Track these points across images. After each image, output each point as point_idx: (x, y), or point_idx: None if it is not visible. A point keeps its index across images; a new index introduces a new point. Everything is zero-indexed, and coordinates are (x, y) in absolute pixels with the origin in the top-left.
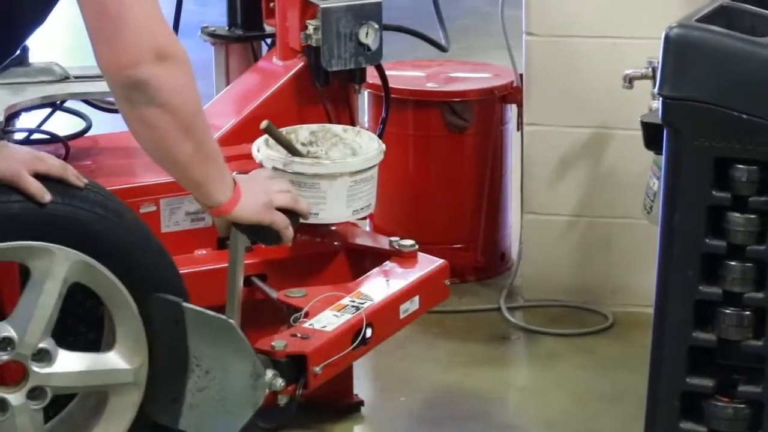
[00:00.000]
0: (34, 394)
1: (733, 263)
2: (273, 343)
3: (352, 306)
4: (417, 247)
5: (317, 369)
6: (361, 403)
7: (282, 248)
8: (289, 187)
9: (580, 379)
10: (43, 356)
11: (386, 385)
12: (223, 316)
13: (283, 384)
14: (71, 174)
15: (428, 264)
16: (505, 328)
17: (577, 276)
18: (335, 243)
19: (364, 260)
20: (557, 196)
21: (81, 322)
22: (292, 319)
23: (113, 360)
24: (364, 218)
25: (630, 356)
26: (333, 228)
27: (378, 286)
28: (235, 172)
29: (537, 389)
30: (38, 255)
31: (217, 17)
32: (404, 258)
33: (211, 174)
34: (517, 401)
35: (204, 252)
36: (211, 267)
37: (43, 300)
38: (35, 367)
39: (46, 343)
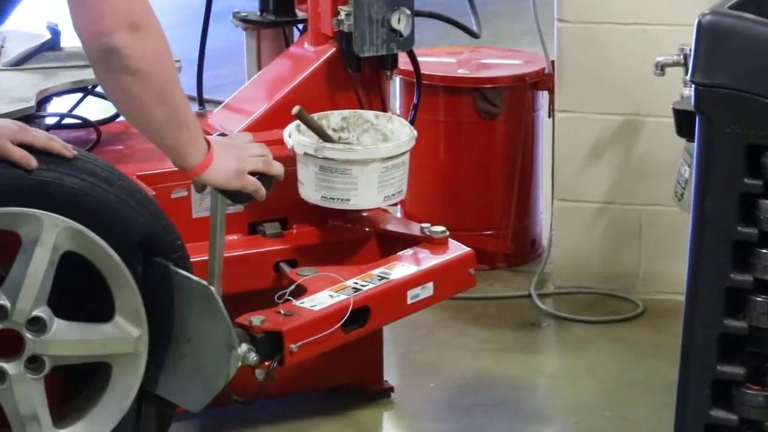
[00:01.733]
0: (33, 364)
1: (764, 251)
2: (251, 318)
3: (353, 288)
4: (448, 233)
5: (293, 347)
6: (391, 389)
7: (313, 234)
8: (265, 151)
9: (610, 367)
10: (38, 324)
11: (416, 371)
12: (204, 282)
13: (256, 359)
14: (58, 144)
15: (452, 251)
16: (536, 315)
17: (608, 263)
18: (366, 229)
19: (394, 246)
20: (588, 183)
21: (86, 293)
22: (276, 296)
23: (112, 330)
24: (395, 204)
25: (660, 344)
26: (364, 214)
27: (390, 270)
28: (216, 134)
29: (567, 376)
30: (26, 222)
31: (249, 2)
32: (435, 244)
33: (183, 139)
34: (546, 388)
35: (235, 237)
36: (242, 252)
37: (33, 267)
38: (30, 335)
39: (41, 311)
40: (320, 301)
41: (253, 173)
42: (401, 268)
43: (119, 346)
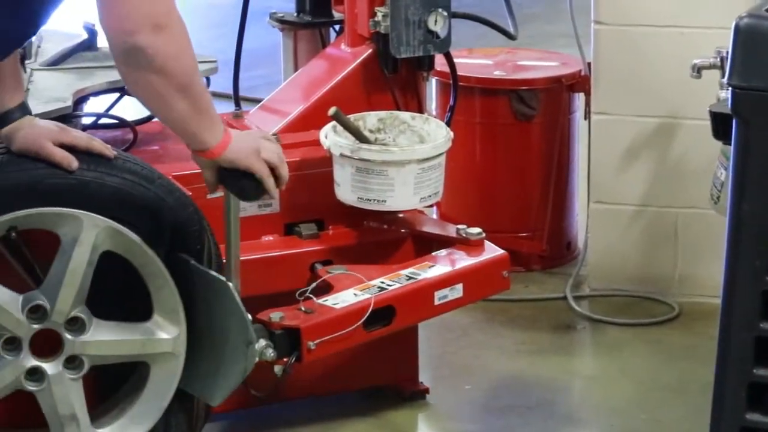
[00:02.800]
0: (71, 363)
1: None
2: (270, 314)
3: (378, 287)
4: (484, 235)
5: (311, 344)
6: (426, 390)
7: (349, 235)
8: (280, 150)
9: (645, 369)
10: (78, 325)
11: (451, 372)
12: (222, 277)
13: (273, 355)
14: (99, 144)
15: (486, 253)
16: (571, 317)
17: (644, 266)
18: (402, 230)
19: (430, 247)
20: (624, 186)
21: (125, 293)
22: (297, 293)
23: (150, 329)
24: (431, 206)
25: (696, 346)
26: (400, 215)
27: (419, 271)
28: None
29: (602, 378)
30: (66, 222)
31: (286, 3)
32: (471, 246)
33: (204, 123)
34: (582, 390)
35: (270, 238)
36: (278, 253)
37: (73, 267)
38: (69, 336)
39: (80, 312)
40: (343, 299)
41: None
42: (431, 268)
43: (158, 345)
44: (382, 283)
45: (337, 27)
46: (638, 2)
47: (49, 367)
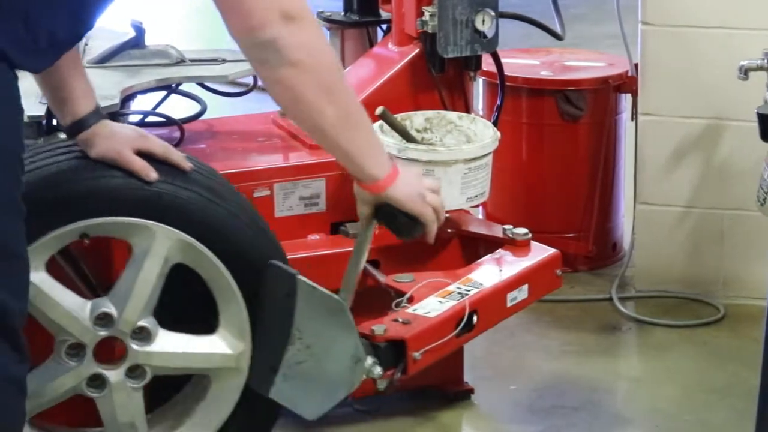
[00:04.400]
0: (134, 372)
1: None
2: (373, 327)
3: (458, 293)
4: (530, 235)
5: (416, 355)
6: (471, 390)
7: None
8: (438, 188)
9: (690, 371)
10: (143, 335)
11: (496, 373)
12: (336, 296)
13: (381, 372)
14: (176, 156)
15: (540, 253)
16: (616, 318)
17: (689, 267)
18: (449, 230)
19: (477, 248)
20: (670, 187)
21: (191, 306)
22: (394, 303)
23: (216, 343)
24: (477, 206)
25: (741, 348)
26: (446, 215)
27: (486, 274)
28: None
29: (647, 380)
30: (139, 232)
31: (333, 2)
32: (517, 246)
33: (362, 144)
34: (627, 392)
35: (317, 237)
36: (324, 252)
37: (143, 277)
38: (134, 345)
39: (147, 322)
40: (432, 307)
41: None
42: (496, 271)
43: (222, 360)
44: (458, 288)
45: (384, 26)
46: (686, 3)
47: (111, 374)
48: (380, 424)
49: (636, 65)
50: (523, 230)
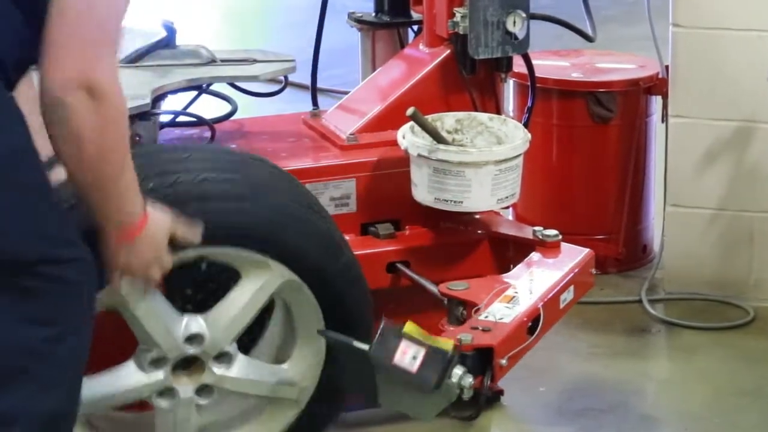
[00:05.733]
0: (203, 391)
1: None
2: (459, 337)
3: (520, 297)
4: (561, 237)
5: (503, 361)
6: (501, 392)
7: (426, 236)
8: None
9: (720, 373)
10: (224, 359)
11: (526, 374)
12: (445, 348)
13: (472, 381)
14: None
15: (576, 254)
16: (646, 320)
17: (719, 269)
18: (479, 231)
19: (507, 249)
20: (701, 189)
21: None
22: (473, 311)
23: (285, 374)
24: (507, 207)
25: None
26: (477, 216)
27: (537, 277)
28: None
29: (676, 382)
30: (255, 265)
31: (364, 3)
32: (548, 248)
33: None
34: (656, 394)
35: (347, 237)
36: (355, 253)
37: (247, 307)
38: (214, 368)
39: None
40: (503, 313)
41: None
42: (548, 273)
43: (287, 391)
44: (516, 293)
45: (415, 27)
46: (717, 5)
47: (183, 390)
48: (411, 426)
49: (667, 67)
50: (553, 232)
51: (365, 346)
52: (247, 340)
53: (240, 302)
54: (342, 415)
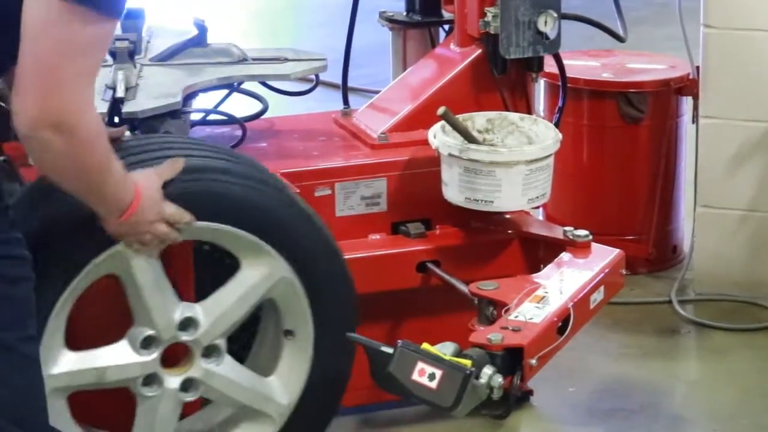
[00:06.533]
0: (188, 385)
1: None
2: (489, 336)
3: (550, 297)
4: (591, 237)
5: (533, 361)
6: (530, 392)
7: (456, 235)
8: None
9: (750, 375)
10: (213, 353)
11: (556, 375)
12: (466, 369)
13: (502, 381)
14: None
15: (606, 254)
16: (676, 321)
17: (750, 271)
18: (509, 231)
19: (537, 249)
20: (731, 190)
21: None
22: (503, 310)
23: (271, 387)
24: (537, 207)
25: None
26: (507, 216)
27: (568, 277)
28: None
29: (706, 383)
30: (257, 254)
31: (395, 2)
32: (578, 248)
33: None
34: (685, 395)
35: (377, 237)
36: (384, 252)
37: (242, 301)
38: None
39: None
40: (533, 313)
41: None
42: (578, 273)
43: (266, 405)
44: (546, 293)
45: (446, 27)
46: (748, 6)
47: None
48: (441, 425)
49: (697, 68)
50: (583, 232)
51: (391, 350)
52: (237, 348)
53: (237, 293)
54: (373, 414)
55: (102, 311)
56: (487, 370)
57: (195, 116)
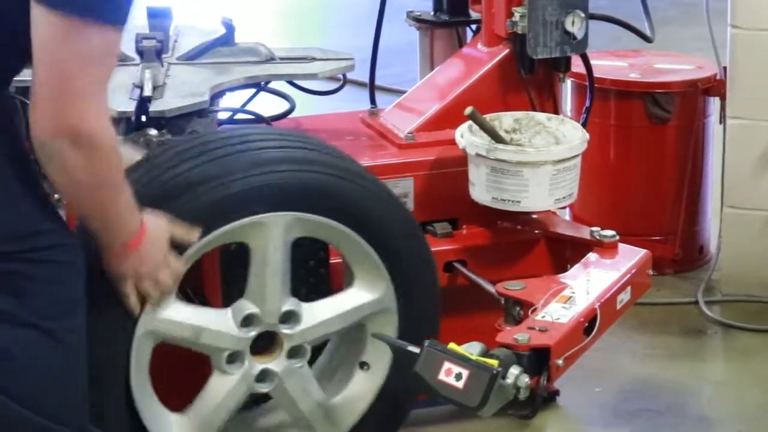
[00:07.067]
0: (294, 354)
1: None
2: (516, 336)
3: (576, 298)
4: (618, 237)
5: (559, 361)
6: (557, 392)
7: (483, 235)
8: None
9: None
10: (290, 318)
11: (582, 375)
12: (494, 369)
13: (528, 381)
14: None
15: (633, 254)
16: (702, 322)
17: None
18: (536, 231)
19: (564, 249)
20: (758, 191)
21: (311, 275)
22: (530, 311)
23: (357, 295)
24: (564, 207)
25: None
26: (534, 216)
27: (594, 278)
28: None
29: (733, 384)
30: (254, 231)
31: (422, 2)
32: (605, 248)
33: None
34: (712, 395)
35: None
36: None
37: (271, 269)
38: (286, 330)
39: (290, 305)
40: (560, 313)
41: None
42: (605, 274)
43: (373, 305)
44: (573, 293)
45: (473, 26)
46: None
47: (275, 365)
48: (467, 425)
49: (725, 68)
50: (610, 232)
51: (418, 349)
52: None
53: (264, 269)
54: None
55: (216, 277)
56: (514, 370)
57: (222, 115)
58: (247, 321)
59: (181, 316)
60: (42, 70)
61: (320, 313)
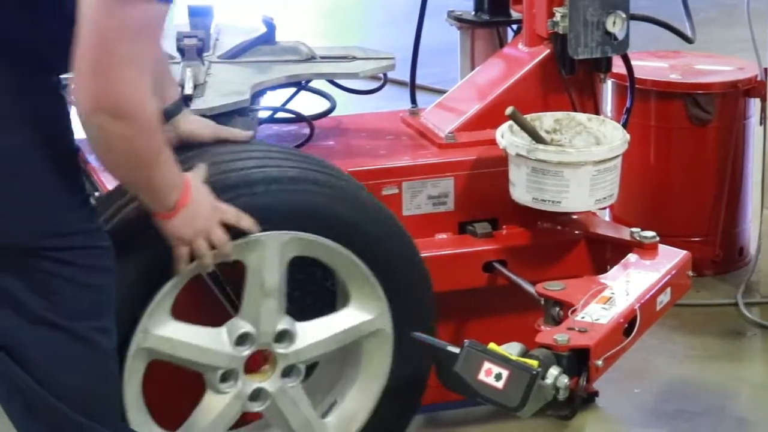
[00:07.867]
0: (288, 373)
1: None
2: (555, 337)
3: (616, 299)
4: (658, 238)
5: (599, 362)
6: (596, 393)
7: (523, 236)
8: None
9: None
10: (285, 337)
11: (621, 376)
12: (533, 370)
13: (568, 382)
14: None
15: (673, 255)
16: (741, 323)
17: None
18: (576, 232)
19: (604, 250)
20: None
21: (308, 294)
22: (570, 311)
23: (352, 315)
24: (604, 208)
25: None
26: (574, 216)
27: (634, 279)
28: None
29: None
30: (250, 249)
31: (463, 1)
32: (645, 250)
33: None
34: (751, 397)
35: (444, 236)
36: (453, 251)
37: (267, 287)
38: (281, 350)
39: (284, 324)
40: (599, 314)
41: None
42: (645, 275)
43: (369, 325)
44: (612, 294)
45: (514, 26)
46: None
47: (269, 385)
48: (506, 425)
49: (765, 70)
50: (650, 233)
51: (458, 349)
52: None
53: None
54: (438, 413)
55: (210, 294)
56: (554, 371)
57: (263, 114)
58: (242, 340)
59: (175, 334)
60: (84, 42)
61: (315, 333)
